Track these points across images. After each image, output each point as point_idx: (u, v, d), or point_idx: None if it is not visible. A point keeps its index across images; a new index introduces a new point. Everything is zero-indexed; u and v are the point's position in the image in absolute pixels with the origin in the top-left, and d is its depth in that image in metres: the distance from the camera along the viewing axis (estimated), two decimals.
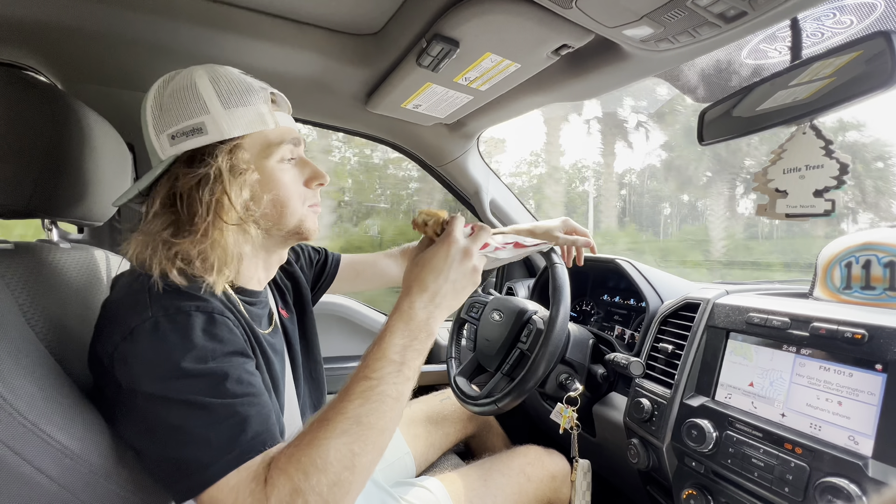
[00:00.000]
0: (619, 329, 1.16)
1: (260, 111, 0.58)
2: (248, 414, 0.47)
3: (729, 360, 0.77)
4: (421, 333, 0.55)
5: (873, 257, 0.73)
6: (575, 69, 0.89)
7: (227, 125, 0.55)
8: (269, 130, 0.59)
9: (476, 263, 0.60)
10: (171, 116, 0.55)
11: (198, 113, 0.55)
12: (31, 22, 0.81)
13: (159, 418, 0.46)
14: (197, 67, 0.58)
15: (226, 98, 0.56)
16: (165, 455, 0.46)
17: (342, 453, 0.46)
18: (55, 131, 0.57)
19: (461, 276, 0.59)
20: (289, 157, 0.61)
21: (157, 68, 0.98)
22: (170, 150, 0.55)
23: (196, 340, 0.48)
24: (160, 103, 0.56)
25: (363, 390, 0.50)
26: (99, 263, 0.72)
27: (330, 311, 1.51)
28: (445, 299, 0.58)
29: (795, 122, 0.61)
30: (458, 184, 1.50)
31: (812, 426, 0.63)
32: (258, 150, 0.58)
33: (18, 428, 0.43)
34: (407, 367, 0.53)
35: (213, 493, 0.44)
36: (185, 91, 0.55)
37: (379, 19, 0.88)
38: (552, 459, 0.98)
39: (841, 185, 0.56)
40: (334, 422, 0.47)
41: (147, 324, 0.47)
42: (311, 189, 0.64)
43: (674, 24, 0.64)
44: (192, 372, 0.46)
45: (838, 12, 0.65)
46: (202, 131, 0.54)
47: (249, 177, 0.56)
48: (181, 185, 0.54)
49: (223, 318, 0.52)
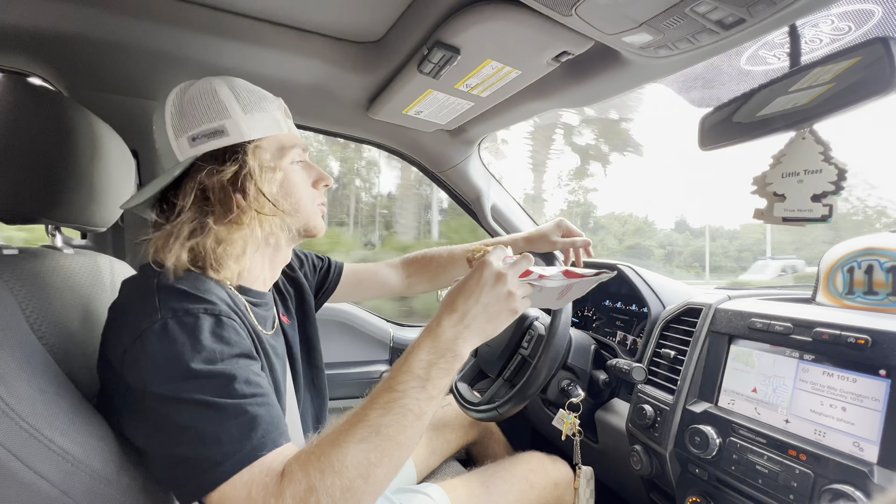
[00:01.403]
0: (621, 335, 1.16)
1: (275, 117, 0.63)
2: (257, 413, 0.48)
3: (732, 365, 0.76)
4: (447, 353, 0.54)
5: (876, 262, 0.72)
6: (575, 76, 0.90)
7: (247, 128, 0.59)
8: (282, 135, 0.64)
9: (511, 289, 0.58)
10: (192, 120, 0.58)
11: (219, 117, 0.58)
12: (37, 30, 0.83)
13: (169, 418, 0.46)
14: (213, 77, 0.61)
15: (245, 103, 0.60)
16: (176, 454, 0.46)
17: (358, 459, 0.46)
18: (60, 138, 0.58)
19: (494, 301, 0.57)
20: (298, 160, 0.66)
21: (161, 76, 1.00)
22: (189, 152, 0.58)
23: (204, 342, 0.49)
24: (180, 108, 0.59)
25: (386, 401, 0.50)
26: (102, 269, 0.72)
27: (332, 316, 1.50)
28: (475, 321, 0.57)
29: (795, 127, 0.61)
30: (460, 189, 1.51)
31: (816, 432, 0.62)
32: (273, 151, 0.62)
33: (20, 433, 0.43)
34: (431, 384, 0.52)
35: (226, 490, 0.45)
36: (205, 97, 0.59)
37: (380, 27, 0.89)
38: (555, 466, 0.97)
39: (839, 191, 0.56)
40: (355, 427, 0.48)
41: (156, 325, 0.48)
42: (317, 190, 0.68)
43: (673, 31, 0.64)
44: (202, 373, 0.47)
45: (836, 19, 0.65)
46: (224, 133, 0.58)
47: (277, 175, 0.61)
48: (212, 182, 0.57)
49: (230, 321, 0.53)
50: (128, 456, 0.51)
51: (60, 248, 0.67)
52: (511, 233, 1.56)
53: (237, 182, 0.57)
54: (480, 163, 1.48)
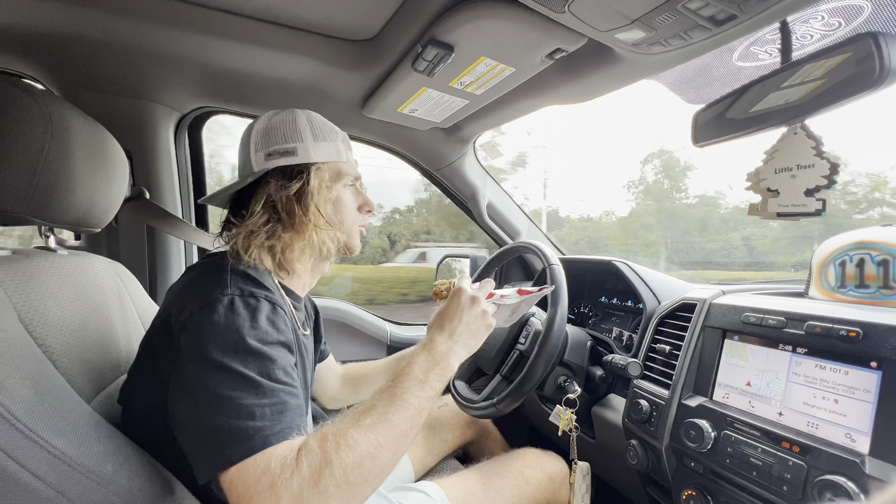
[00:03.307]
0: (617, 330, 1.16)
1: (338, 147, 0.73)
2: (287, 402, 0.52)
3: (726, 359, 0.77)
4: (442, 362, 0.65)
5: (867, 256, 0.73)
6: (569, 72, 0.90)
7: (314, 152, 0.69)
8: (342, 162, 0.73)
9: (485, 308, 0.72)
10: (272, 139, 0.69)
11: (293, 140, 0.69)
12: (28, 30, 0.82)
13: (212, 385, 0.50)
14: (299, 109, 0.72)
15: (316, 133, 0.71)
16: (209, 423, 0.49)
17: (369, 440, 0.52)
18: (53, 138, 0.58)
19: (473, 319, 0.71)
20: (350, 185, 0.75)
21: (154, 75, 1.00)
22: (264, 164, 0.68)
23: (261, 322, 0.55)
24: (265, 129, 0.70)
25: (390, 395, 0.58)
26: (97, 270, 0.72)
27: (331, 315, 1.50)
28: (462, 337, 0.69)
29: (788, 123, 0.62)
30: (455, 187, 1.51)
31: (809, 424, 0.63)
32: (332, 174, 0.72)
33: (16, 434, 0.43)
34: (429, 385, 0.61)
35: (247, 465, 0.47)
36: (286, 123, 0.70)
37: (374, 25, 0.89)
38: (550, 461, 0.98)
39: (832, 185, 0.57)
40: (366, 414, 0.55)
41: (225, 298, 0.55)
42: (361, 213, 0.78)
43: (665, 28, 0.65)
44: (252, 349, 0.52)
45: (826, 15, 0.65)
46: (294, 154, 0.68)
47: (332, 195, 0.71)
48: (280, 194, 0.67)
49: (282, 311, 0.60)
50: (124, 456, 0.51)
51: (54, 250, 0.67)
52: (507, 230, 1.57)
53: (300, 197, 0.67)
54: (476, 161, 1.48)
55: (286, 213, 0.67)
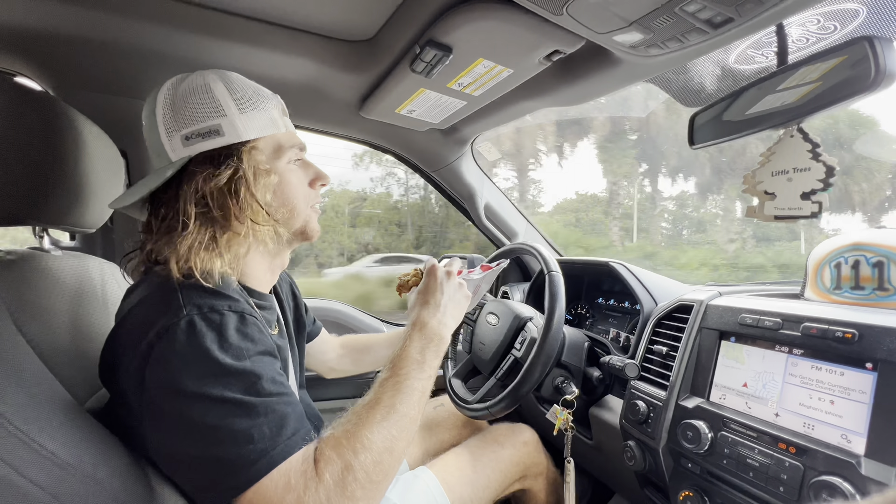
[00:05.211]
0: (614, 332, 1.16)
1: (272, 116, 0.61)
2: (285, 412, 0.49)
3: (723, 361, 0.77)
4: (435, 337, 0.65)
5: (862, 257, 0.74)
6: (567, 74, 0.90)
7: (244, 128, 0.57)
8: (280, 134, 0.62)
9: (459, 281, 0.76)
10: (185, 118, 0.56)
11: (214, 115, 0.56)
12: (22, 29, 0.81)
13: (197, 418, 0.45)
14: (207, 71, 0.59)
15: (241, 102, 0.57)
16: (207, 455, 0.45)
17: (383, 436, 0.51)
18: (47, 138, 0.57)
19: (454, 292, 0.74)
20: (295, 159, 0.64)
21: (150, 75, 0.99)
22: (183, 151, 0.56)
23: (231, 339, 0.49)
24: (172, 104, 0.56)
25: (394, 384, 0.57)
26: (92, 271, 0.71)
27: (325, 315, 1.50)
28: (448, 309, 0.71)
29: (784, 125, 0.62)
30: (453, 188, 1.51)
31: (805, 425, 0.63)
32: (270, 151, 0.60)
33: (9, 438, 0.42)
34: (427, 364, 0.61)
35: (263, 485, 0.45)
36: (199, 94, 0.56)
37: (372, 26, 0.89)
38: (520, 428, 1.09)
39: (828, 188, 0.57)
40: (374, 410, 0.53)
41: (182, 322, 0.47)
42: (314, 189, 0.66)
43: (663, 31, 0.65)
44: (230, 369, 0.47)
45: (822, 18, 0.66)
46: (219, 133, 0.55)
47: (272, 179, 0.59)
48: (209, 187, 0.55)
49: (253, 319, 0.53)
50: (119, 460, 0.51)
51: (48, 250, 0.66)
52: (504, 231, 1.57)
53: (233, 188, 0.55)
54: (473, 162, 1.48)
55: (219, 210, 0.55)
